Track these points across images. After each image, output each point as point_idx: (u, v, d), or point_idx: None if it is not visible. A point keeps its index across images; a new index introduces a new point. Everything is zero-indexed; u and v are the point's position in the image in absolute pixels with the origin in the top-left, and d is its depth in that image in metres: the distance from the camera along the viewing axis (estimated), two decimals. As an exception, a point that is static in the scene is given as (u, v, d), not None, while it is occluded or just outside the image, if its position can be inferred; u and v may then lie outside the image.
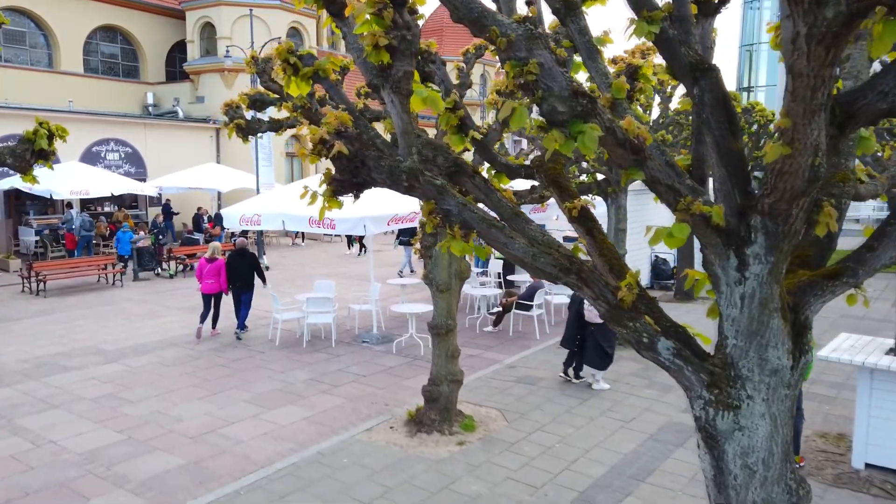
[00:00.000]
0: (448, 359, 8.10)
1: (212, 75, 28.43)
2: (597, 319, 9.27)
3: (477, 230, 2.60)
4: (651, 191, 2.45)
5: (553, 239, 2.71)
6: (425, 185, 2.61)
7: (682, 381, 2.55)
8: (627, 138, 2.27)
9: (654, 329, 2.51)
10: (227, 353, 11.45)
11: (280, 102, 7.92)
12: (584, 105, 2.22)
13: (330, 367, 10.63)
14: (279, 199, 11.74)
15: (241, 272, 12.20)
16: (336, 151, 2.51)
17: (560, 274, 2.58)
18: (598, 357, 9.39)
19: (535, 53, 2.24)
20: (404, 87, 2.70)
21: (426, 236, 7.96)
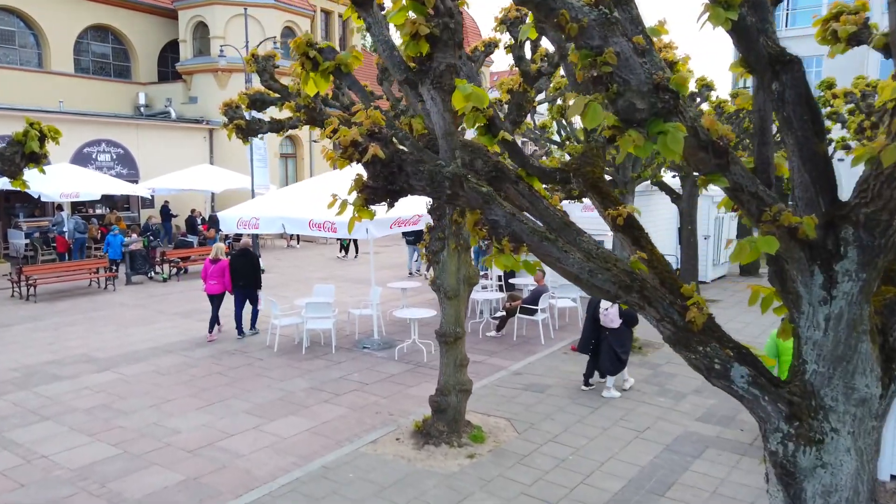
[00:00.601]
0: (456, 368, 7.81)
1: (205, 75, 28.02)
2: (612, 324, 9.03)
3: (527, 243, 2.32)
4: (732, 199, 2.18)
5: (610, 252, 2.43)
6: (470, 193, 2.32)
7: (758, 411, 2.28)
8: (711, 140, 2.00)
9: (727, 354, 2.24)
10: (225, 361, 11.12)
11: (281, 102, 7.62)
12: (667, 101, 1.94)
13: (331, 375, 10.32)
14: (277, 201, 11.42)
15: (245, 273, 12.18)
16: (371, 155, 2.22)
17: (620, 292, 2.31)
18: (610, 363, 9.16)
19: (610, 41, 1.96)
20: (447, 82, 2.42)
21: (433, 241, 7.67)
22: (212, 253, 12.47)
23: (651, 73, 1.97)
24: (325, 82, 3.26)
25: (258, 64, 7.42)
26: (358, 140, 2.26)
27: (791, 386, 2.29)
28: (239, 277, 12.16)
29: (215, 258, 12.27)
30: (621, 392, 9.34)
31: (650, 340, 12.01)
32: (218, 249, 12.42)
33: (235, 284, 12.17)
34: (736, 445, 7.70)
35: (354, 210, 2.55)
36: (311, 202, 10.75)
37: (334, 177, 12.21)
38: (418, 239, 19.08)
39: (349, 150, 2.29)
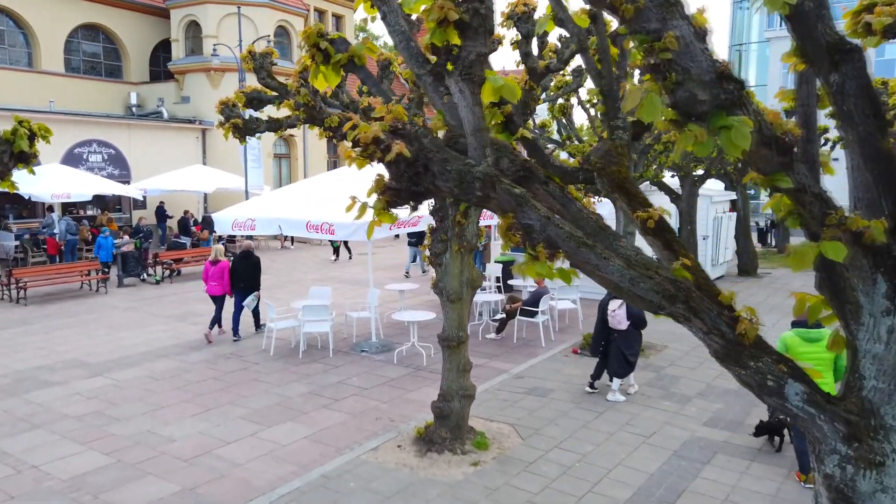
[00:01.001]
0: (459, 373, 7.62)
1: (197, 75, 27.74)
2: (620, 326, 8.91)
3: (564, 250, 2.13)
4: (793, 201, 2.00)
5: (649, 258, 2.25)
6: (502, 195, 2.13)
7: (813, 431, 2.10)
8: (775, 135, 1.82)
9: (781, 370, 2.06)
10: (220, 365, 10.89)
11: (279, 101, 7.41)
12: (731, 92, 1.77)
13: (329, 379, 10.11)
14: (273, 202, 11.20)
15: (246, 275, 12.17)
16: (396, 153, 2.03)
17: (664, 302, 2.12)
18: (618, 365, 9.02)
19: (670, 25, 1.78)
20: (477, 73, 2.23)
21: (436, 243, 7.48)
22: (211, 254, 12.48)
23: (714, 60, 1.79)
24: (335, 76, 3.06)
25: (255, 61, 7.21)
26: (380, 137, 2.07)
27: (847, 403, 2.12)
28: (240, 280, 12.15)
29: (215, 259, 12.27)
30: (626, 396, 9.18)
31: (652, 342, 11.85)
32: (217, 251, 12.39)
33: (236, 286, 12.16)
34: (745, 451, 7.54)
35: (374, 213, 2.36)
36: (307, 203, 10.56)
37: (331, 178, 12.01)
38: (420, 240, 18.91)
39: (370, 147, 2.09)
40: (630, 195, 2.78)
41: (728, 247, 19.48)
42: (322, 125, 6.84)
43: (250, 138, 7.43)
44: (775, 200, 2.19)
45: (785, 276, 19.34)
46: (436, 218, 7.51)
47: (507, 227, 2.17)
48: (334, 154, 33.06)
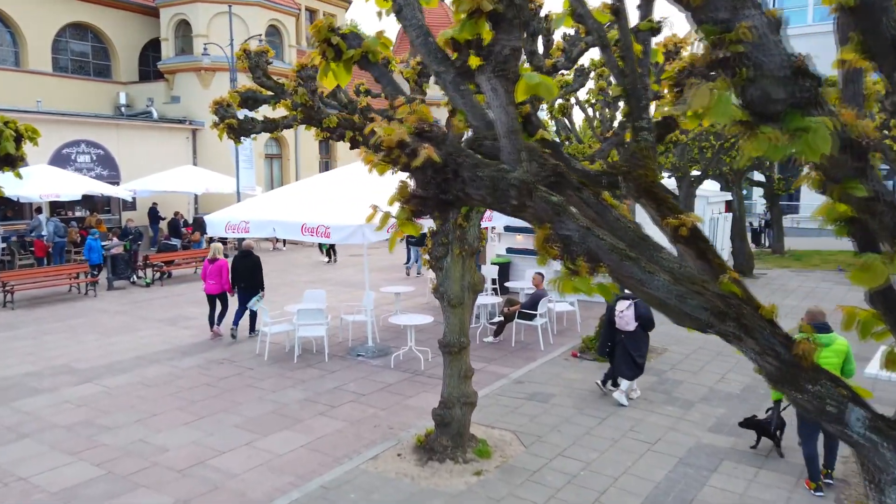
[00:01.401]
0: (461, 379, 7.44)
1: (187, 74, 27.42)
2: (628, 327, 8.81)
3: (605, 263, 1.95)
4: (861, 210, 1.83)
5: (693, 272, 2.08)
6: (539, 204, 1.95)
7: (874, 459, 1.94)
8: (851, 139, 1.65)
9: (842, 394, 1.90)
10: (213, 371, 10.65)
11: (275, 100, 7.21)
12: (808, 90, 1.59)
13: (325, 385, 9.90)
14: (268, 204, 10.97)
15: (246, 274, 12.17)
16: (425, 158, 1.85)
17: (713, 320, 1.95)
18: (626, 367, 8.87)
19: (742, 14, 1.60)
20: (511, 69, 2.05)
21: (436, 246, 7.30)
22: (209, 253, 12.57)
23: (789, 54, 1.62)
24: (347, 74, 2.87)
25: (250, 60, 7.01)
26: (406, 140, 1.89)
27: (906, 427, 1.96)
28: (240, 279, 12.16)
29: (213, 258, 12.36)
30: (629, 401, 9.03)
31: (652, 345, 11.64)
32: (216, 249, 12.47)
33: (237, 286, 12.19)
34: (752, 458, 7.40)
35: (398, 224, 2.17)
36: (302, 205, 10.34)
37: (325, 179, 11.80)
38: (421, 241, 18.73)
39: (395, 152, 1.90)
40: (659, 200, 2.61)
41: (724, 248, 19.40)
42: (320, 126, 6.64)
43: (254, 139, 7.20)
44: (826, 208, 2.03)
45: (781, 277, 19.28)
46: (436, 220, 7.32)
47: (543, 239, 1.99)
48: (326, 154, 32.82)
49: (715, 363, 10.82)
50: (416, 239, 18.22)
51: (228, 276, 12.31)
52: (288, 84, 6.65)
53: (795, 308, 14.95)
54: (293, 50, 29.75)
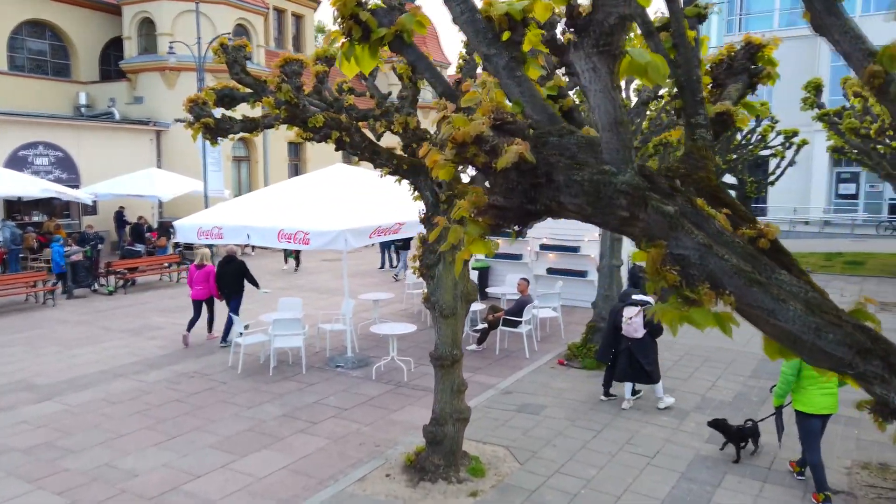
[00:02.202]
0: (454, 394, 7.04)
1: (151, 74, 26.54)
2: (636, 334, 8.56)
3: (729, 289, 1.58)
4: None
5: (822, 297, 1.72)
6: (652, 216, 1.56)
7: None
8: None
9: None
10: (184, 385, 10.06)
11: (254, 98, 6.73)
12: None
13: (304, 399, 9.40)
14: (241, 209, 10.42)
15: (230, 280, 11.99)
16: (515, 158, 1.44)
17: (856, 359, 1.60)
18: (632, 371, 8.66)
19: None
20: (617, 42, 1.66)
21: (427, 254, 6.89)
22: (196, 258, 12.41)
23: None
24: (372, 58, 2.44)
25: (228, 55, 6.52)
26: (485, 135, 1.48)
27: None
28: (224, 285, 12.02)
29: (200, 264, 12.22)
30: (624, 409, 8.77)
31: (639, 352, 11.47)
32: (203, 255, 12.28)
33: (221, 292, 12.04)
34: (755, 471, 7.15)
35: (466, 241, 1.75)
36: (278, 210, 9.85)
37: (302, 183, 11.30)
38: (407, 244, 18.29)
39: (470, 149, 1.50)
40: (727, 206, 2.25)
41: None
42: (304, 125, 6.19)
43: (232, 139, 6.72)
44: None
45: (756, 280, 19.29)
46: (427, 227, 6.93)
47: (658, 260, 1.59)
48: (295, 157, 32.12)
49: (704, 369, 10.61)
50: (401, 242, 17.78)
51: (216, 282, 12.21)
52: (270, 80, 6.19)
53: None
54: (261, 50, 29.03)
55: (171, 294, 17.67)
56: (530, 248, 15.90)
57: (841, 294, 16.98)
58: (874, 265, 21.45)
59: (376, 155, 6.68)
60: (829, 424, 7.78)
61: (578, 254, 15.35)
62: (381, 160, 6.71)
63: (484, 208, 1.61)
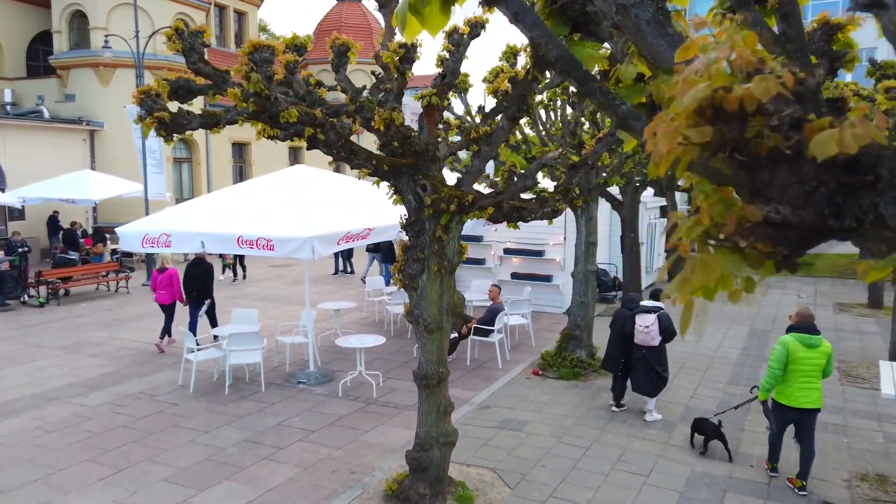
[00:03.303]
0: (440, 416, 6.45)
1: (84, 70, 24.95)
2: (653, 342, 8.25)
3: None
4: None
5: None
6: None
7: None
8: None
9: None
10: (129, 408, 9.14)
11: (213, 91, 5.97)
12: None
13: (266, 421, 8.64)
14: (192, 214, 9.54)
15: (199, 283, 11.64)
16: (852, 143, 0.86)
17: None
18: (649, 383, 8.40)
19: None
20: None
21: (410, 262, 6.28)
22: (157, 262, 12.14)
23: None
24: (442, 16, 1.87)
25: (184, 41, 5.75)
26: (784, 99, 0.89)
27: None
28: (193, 288, 11.61)
29: (162, 267, 11.90)
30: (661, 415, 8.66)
31: (614, 360, 11.12)
32: (164, 258, 11.86)
33: (189, 294, 11.67)
34: (755, 487, 6.81)
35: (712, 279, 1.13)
36: (237, 215, 9.05)
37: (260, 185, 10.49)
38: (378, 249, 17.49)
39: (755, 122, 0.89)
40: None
41: (661, 253, 19.31)
42: (273, 121, 5.50)
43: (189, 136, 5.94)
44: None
45: (714, 282, 19.35)
46: (410, 233, 6.32)
47: None
48: (240, 159, 30.87)
49: (682, 377, 10.32)
50: (373, 245, 16.99)
51: (180, 286, 11.78)
52: (237, 69, 5.47)
53: (738, 313, 14.87)
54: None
55: (109, 305, 16.46)
56: (493, 252, 15.43)
57: (798, 295, 17.17)
58: (823, 265, 21.90)
59: (353, 155, 6.03)
60: (818, 433, 7.57)
61: (543, 258, 14.97)
62: (358, 160, 6.07)
63: (750, 227, 1.02)
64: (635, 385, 8.55)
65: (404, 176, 6.14)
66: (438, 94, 6.08)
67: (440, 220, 6.08)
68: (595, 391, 9.70)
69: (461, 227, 6.34)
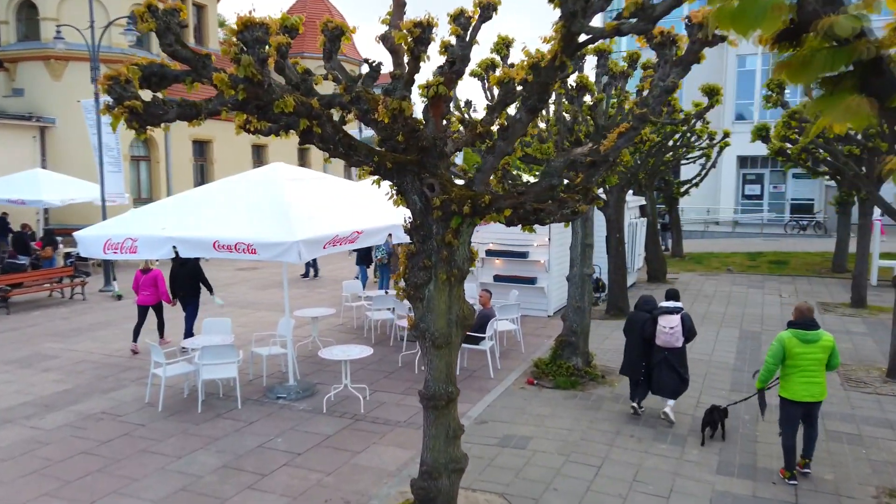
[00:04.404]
0: (448, 440, 5.83)
1: (34, 63, 23.56)
2: (678, 343, 8.11)
3: None
4: None
5: None
6: None
7: None
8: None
9: None
10: (91, 431, 8.28)
11: (190, 77, 5.24)
12: None
13: (245, 443, 7.89)
14: (160, 217, 8.69)
15: (186, 282, 11.48)
16: None
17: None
18: (673, 384, 8.27)
19: None
20: None
21: (415, 271, 5.65)
22: (141, 262, 11.80)
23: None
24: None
25: (158, 20, 5.01)
26: None
27: None
28: (180, 288, 11.50)
29: (146, 268, 11.72)
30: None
31: (610, 367, 10.67)
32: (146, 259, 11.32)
33: (176, 295, 11.52)
34: (783, 507, 6.37)
35: None
36: (213, 217, 8.27)
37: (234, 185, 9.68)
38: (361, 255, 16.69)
39: None
40: None
41: (640, 253, 19.02)
42: (264, 112, 4.80)
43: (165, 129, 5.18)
44: None
45: (693, 282, 19.16)
46: (415, 238, 5.68)
47: None
48: (201, 157, 29.65)
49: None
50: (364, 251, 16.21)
51: (166, 286, 11.65)
52: (223, 50, 4.74)
53: (725, 315, 14.59)
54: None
55: (65, 313, 15.36)
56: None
57: (780, 295, 17.03)
58: (797, 264, 21.93)
59: (352, 151, 5.37)
60: (833, 444, 7.69)
61: (527, 259, 14.45)
62: (358, 157, 5.41)
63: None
64: (658, 388, 8.37)
65: (409, 174, 5.50)
66: (446, 82, 5.45)
67: (450, 223, 5.46)
68: (595, 401, 9.20)
69: (472, 231, 5.73)
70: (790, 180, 36.36)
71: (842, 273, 19.94)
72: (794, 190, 36.39)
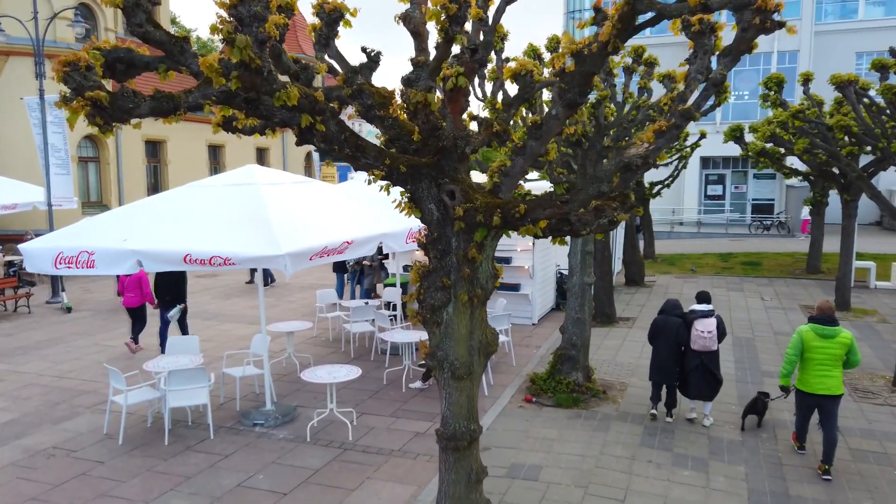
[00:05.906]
0: (470, 486, 5.09)
1: (-30, 57, 21.85)
2: (713, 347, 8.10)
3: None
4: None
5: None
6: None
7: None
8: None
9: None
10: (40, 472, 7.24)
11: (165, 64, 4.37)
12: None
13: (222, 482, 6.98)
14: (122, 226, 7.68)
15: (171, 287, 11.24)
16: None
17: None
18: (709, 388, 8.24)
19: None
20: None
21: (432, 291, 4.88)
22: None
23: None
24: None
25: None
26: None
27: None
28: (165, 292, 11.24)
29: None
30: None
31: (608, 380, 10.08)
32: None
33: (161, 299, 11.30)
34: (830, 542, 5.82)
35: None
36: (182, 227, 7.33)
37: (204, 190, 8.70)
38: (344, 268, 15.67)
39: None
40: None
41: (619, 256, 18.59)
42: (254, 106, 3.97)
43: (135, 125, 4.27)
44: None
45: (671, 284, 18.82)
46: (432, 253, 4.91)
47: None
48: (154, 158, 28.13)
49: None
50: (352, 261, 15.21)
51: (150, 289, 11.46)
52: (213, 28, 3.89)
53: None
54: (111, 35, 25.00)
55: (8, 329, 14.04)
56: (455, 260, 14.11)
57: (762, 298, 16.77)
58: (770, 265, 21.85)
59: (360, 152, 4.57)
60: (861, 464, 7.36)
61: (511, 265, 13.79)
62: (367, 159, 4.61)
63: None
64: (696, 393, 8.31)
65: (425, 179, 4.73)
66: (467, 73, 4.71)
67: (474, 235, 4.72)
68: (602, 421, 8.57)
69: (496, 245, 5.00)
70: (751, 181, 36.78)
71: (815, 274, 19.89)
72: (755, 190, 36.78)
